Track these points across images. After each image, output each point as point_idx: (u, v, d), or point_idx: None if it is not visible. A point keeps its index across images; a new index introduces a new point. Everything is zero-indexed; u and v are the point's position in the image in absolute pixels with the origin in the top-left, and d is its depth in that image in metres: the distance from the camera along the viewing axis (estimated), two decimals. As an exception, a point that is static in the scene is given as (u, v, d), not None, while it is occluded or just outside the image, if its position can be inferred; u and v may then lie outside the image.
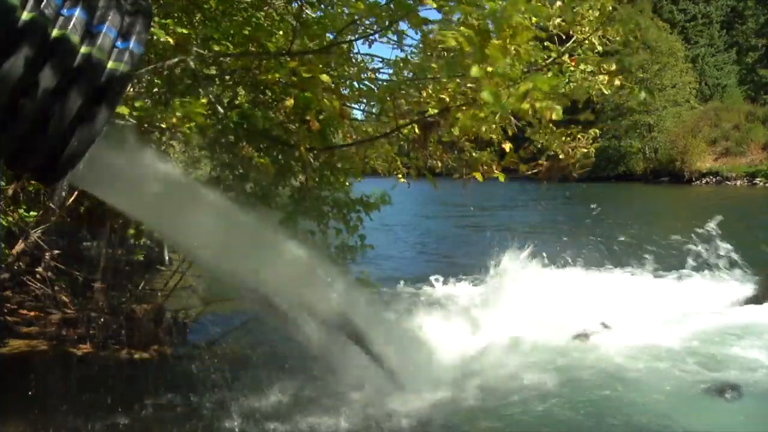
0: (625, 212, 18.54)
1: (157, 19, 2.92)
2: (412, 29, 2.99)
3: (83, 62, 1.73)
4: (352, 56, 3.76)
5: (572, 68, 3.44)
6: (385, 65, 3.75)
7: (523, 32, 2.48)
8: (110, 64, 1.77)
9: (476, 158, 3.62)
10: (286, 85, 3.27)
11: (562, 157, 3.64)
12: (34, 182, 4.56)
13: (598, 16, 3.10)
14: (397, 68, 3.70)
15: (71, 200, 5.10)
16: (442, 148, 4.28)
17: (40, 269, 5.07)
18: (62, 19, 1.69)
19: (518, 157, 3.53)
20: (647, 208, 23.59)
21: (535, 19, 2.66)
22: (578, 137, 3.77)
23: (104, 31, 1.76)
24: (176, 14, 3.38)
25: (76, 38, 1.71)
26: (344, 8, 3.36)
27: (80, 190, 4.64)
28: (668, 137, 42.92)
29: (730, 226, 8.05)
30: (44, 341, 4.56)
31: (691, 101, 45.53)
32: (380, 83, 3.76)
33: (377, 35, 3.26)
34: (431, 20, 2.89)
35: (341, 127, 4.09)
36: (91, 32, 1.75)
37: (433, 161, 4.42)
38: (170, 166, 2.84)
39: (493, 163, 3.64)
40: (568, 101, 3.04)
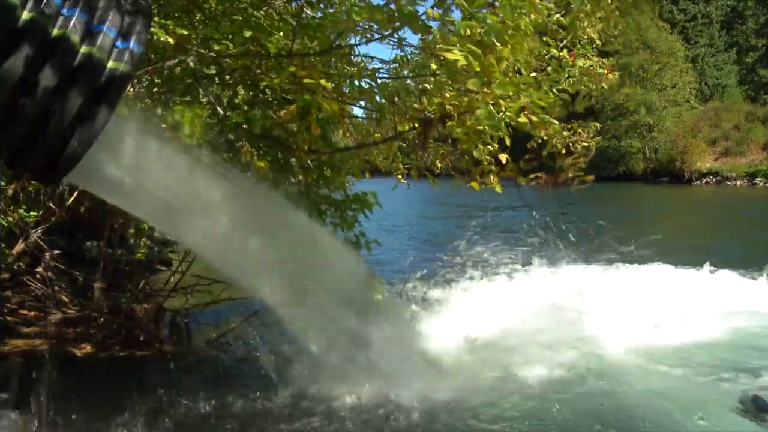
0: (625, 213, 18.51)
1: (157, 19, 2.92)
2: (414, 34, 3.00)
3: (83, 62, 1.73)
4: (352, 56, 3.76)
5: (571, 63, 3.44)
6: (384, 65, 3.75)
7: (523, 43, 2.49)
8: (110, 63, 1.77)
9: (474, 170, 3.63)
10: (286, 88, 3.27)
11: (563, 152, 3.64)
12: (34, 182, 4.56)
13: (598, 15, 3.10)
14: (396, 67, 3.70)
15: (71, 200, 5.10)
16: (441, 147, 4.28)
17: (40, 269, 5.07)
18: (62, 18, 1.69)
19: (517, 167, 3.54)
20: (646, 208, 23.58)
21: (534, 15, 2.66)
22: (579, 131, 3.76)
23: (104, 30, 1.76)
24: (176, 14, 3.38)
25: (76, 38, 1.71)
26: (344, 10, 3.36)
27: (80, 190, 4.65)
28: (668, 137, 42.86)
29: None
30: (44, 341, 4.56)
31: (691, 101, 45.48)
32: (380, 81, 3.77)
33: (378, 40, 3.28)
34: (433, 28, 2.90)
35: (341, 126, 4.10)
36: (91, 32, 1.75)
37: (433, 161, 4.42)
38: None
39: (491, 173, 3.65)
40: (568, 97, 3.06)
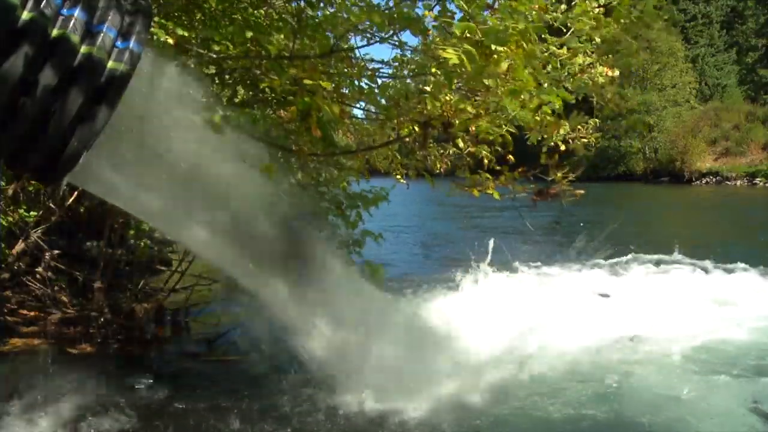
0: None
1: (156, 19, 2.92)
2: (413, 36, 3.02)
3: (83, 62, 1.74)
4: (352, 58, 3.76)
5: (571, 60, 3.44)
6: (384, 65, 3.75)
7: (525, 44, 2.50)
8: (110, 63, 1.78)
9: (473, 177, 3.67)
10: (287, 89, 3.27)
11: (563, 148, 3.65)
12: (34, 182, 4.56)
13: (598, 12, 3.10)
14: (396, 67, 3.70)
15: (71, 200, 5.10)
16: (441, 148, 4.28)
17: (40, 269, 5.07)
18: (62, 18, 1.69)
19: (512, 177, 3.58)
20: (647, 208, 23.57)
21: (535, 13, 2.67)
22: (578, 128, 3.75)
23: (104, 30, 1.77)
24: (176, 14, 3.38)
25: (76, 38, 1.71)
26: (343, 10, 3.36)
27: (80, 190, 4.65)
28: (668, 137, 42.90)
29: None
30: (44, 341, 4.56)
31: (691, 101, 45.51)
32: (379, 81, 3.77)
33: (378, 41, 3.29)
34: (431, 30, 2.91)
35: (342, 126, 4.10)
36: (91, 32, 1.75)
37: (433, 162, 4.43)
38: None
39: (488, 181, 3.69)
40: (568, 94, 3.06)
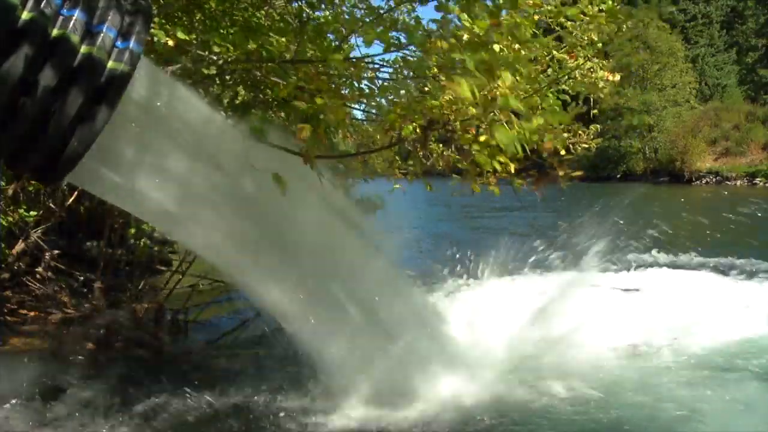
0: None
1: (157, 20, 2.92)
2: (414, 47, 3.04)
3: (83, 62, 1.74)
4: (352, 58, 3.76)
5: (571, 63, 3.44)
6: (384, 64, 3.75)
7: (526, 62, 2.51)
8: (110, 63, 1.78)
9: (472, 171, 3.67)
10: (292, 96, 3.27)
11: (563, 153, 3.65)
12: (34, 182, 4.56)
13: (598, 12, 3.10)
14: (397, 69, 3.70)
15: (71, 200, 5.11)
16: (442, 147, 4.28)
17: (40, 269, 5.08)
18: (62, 18, 1.69)
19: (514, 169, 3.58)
20: (647, 208, 23.52)
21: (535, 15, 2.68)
22: (579, 133, 3.76)
23: (104, 30, 1.77)
24: (176, 14, 3.38)
25: (76, 38, 1.71)
26: (346, 15, 3.38)
27: (80, 190, 4.65)
28: (668, 137, 42.88)
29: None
30: (44, 341, 4.56)
31: (691, 101, 45.48)
32: (380, 83, 3.77)
33: (382, 51, 3.30)
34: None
35: (342, 127, 4.10)
36: (91, 32, 1.75)
37: (433, 161, 4.42)
38: None
39: (489, 175, 3.69)
40: (568, 97, 3.07)
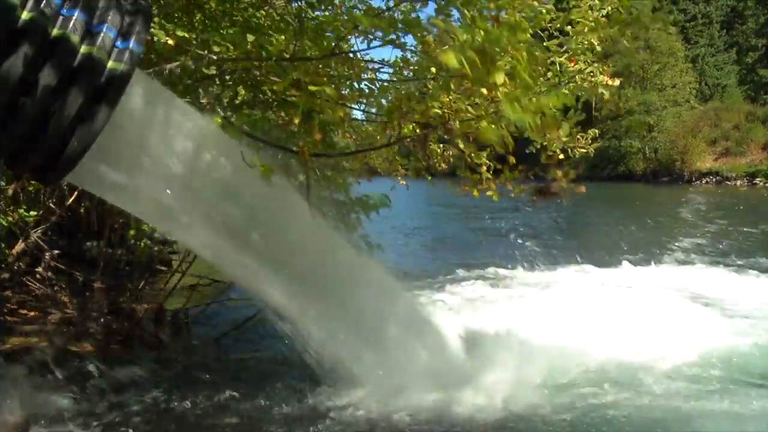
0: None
1: (157, 19, 2.92)
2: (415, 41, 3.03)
3: (83, 62, 1.74)
4: (352, 58, 3.76)
5: (572, 68, 3.45)
6: (384, 65, 3.75)
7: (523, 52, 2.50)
8: (110, 63, 1.78)
9: (473, 177, 3.68)
10: (288, 92, 3.27)
11: (561, 157, 3.65)
12: (34, 182, 4.56)
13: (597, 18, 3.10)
14: (397, 70, 3.70)
15: (71, 200, 5.10)
16: (442, 147, 4.28)
17: (40, 269, 5.08)
18: (62, 18, 1.69)
19: (512, 177, 3.59)
20: (647, 208, 23.54)
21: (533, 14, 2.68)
22: (578, 137, 3.77)
23: (104, 30, 1.77)
24: (176, 14, 3.38)
25: (76, 38, 1.71)
26: (344, 11, 3.37)
27: (80, 190, 4.65)
28: (668, 137, 42.89)
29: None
30: (44, 341, 4.56)
31: (691, 101, 45.47)
32: (380, 84, 3.77)
33: (379, 45, 3.29)
34: (431, 37, 2.91)
35: (341, 127, 4.10)
36: (91, 32, 1.75)
37: (433, 162, 4.43)
38: None
39: (489, 181, 3.70)
40: (570, 101, 3.06)
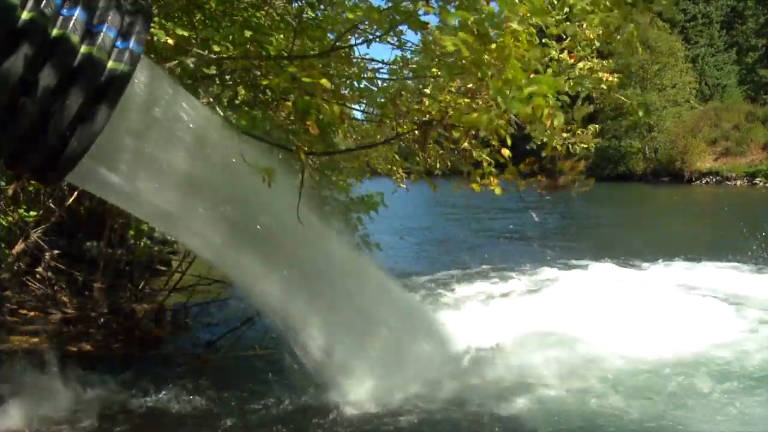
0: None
1: (156, 19, 2.92)
2: (411, 31, 3.02)
3: (83, 62, 1.74)
4: (351, 57, 3.76)
5: (571, 63, 3.45)
6: (384, 65, 3.76)
7: (524, 38, 2.50)
8: (110, 63, 1.78)
9: (474, 172, 3.66)
10: (285, 89, 3.28)
11: (563, 153, 3.65)
12: (34, 182, 4.56)
13: (596, 21, 3.10)
14: (396, 68, 3.70)
15: (71, 200, 5.10)
16: (441, 148, 4.28)
17: (40, 269, 5.08)
18: (62, 18, 1.69)
19: (517, 170, 3.56)
20: (647, 208, 23.52)
21: (535, 19, 2.66)
22: (578, 133, 3.76)
23: (104, 30, 1.77)
24: (176, 14, 3.38)
25: (76, 38, 1.71)
26: (343, 13, 3.37)
27: (80, 190, 4.65)
28: (668, 137, 42.87)
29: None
30: (44, 340, 4.56)
31: (691, 101, 45.45)
32: (379, 83, 3.77)
33: (378, 39, 3.29)
34: (430, 23, 2.91)
35: (341, 127, 4.10)
36: (91, 32, 1.75)
37: (433, 163, 4.42)
38: None
39: (491, 175, 3.67)
40: (567, 98, 3.06)
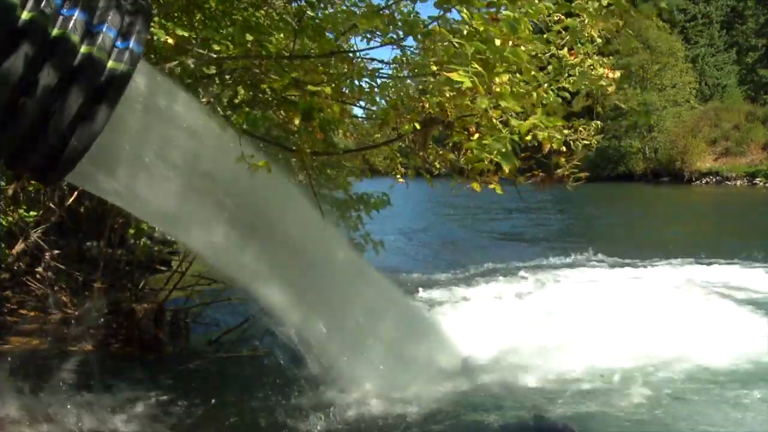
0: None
1: (156, 19, 2.92)
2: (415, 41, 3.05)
3: (83, 61, 1.74)
4: (353, 58, 3.76)
5: (572, 61, 3.44)
6: (384, 64, 3.76)
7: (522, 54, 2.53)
8: (110, 63, 1.78)
9: (474, 169, 3.67)
10: (287, 89, 3.28)
11: (563, 149, 3.64)
12: (34, 182, 4.56)
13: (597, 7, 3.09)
14: (396, 66, 3.70)
15: (71, 200, 5.10)
16: (441, 148, 4.28)
17: (40, 269, 5.07)
18: (62, 18, 1.69)
19: (516, 168, 3.57)
20: (647, 208, 23.52)
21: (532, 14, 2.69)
22: (580, 129, 3.74)
23: (104, 30, 1.77)
24: (176, 14, 3.38)
25: (76, 38, 1.71)
26: (343, 10, 3.38)
27: (80, 190, 4.65)
28: (668, 137, 42.88)
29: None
30: (44, 340, 4.56)
31: (691, 101, 45.45)
32: (379, 81, 3.77)
33: (379, 46, 3.31)
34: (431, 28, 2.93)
35: (342, 126, 4.10)
36: (91, 32, 1.75)
37: (432, 162, 4.42)
38: None
39: (490, 174, 3.68)
40: (568, 95, 3.07)
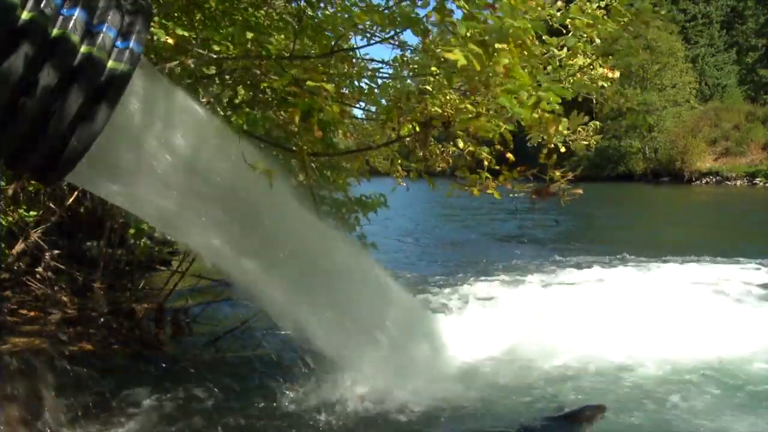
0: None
1: (157, 18, 2.92)
2: (415, 36, 3.04)
3: (83, 61, 1.74)
4: (353, 58, 3.76)
5: (571, 62, 3.44)
6: (384, 64, 3.76)
7: (526, 39, 2.52)
8: (110, 63, 1.78)
9: (472, 177, 3.71)
10: (287, 90, 3.28)
11: (563, 150, 3.65)
12: (34, 182, 4.56)
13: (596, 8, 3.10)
14: (396, 68, 3.71)
15: (71, 200, 5.10)
16: (441, 148, 4.28)
17: (40, 269, 5.07)
18: (62, 18, 1.69)
19: (511, 177, 3.60)
20: (647, 208, 23.50)
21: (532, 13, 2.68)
22: (579, 129, 3.74)
23: (104, 30, 1.77)
24: (176, 14, 3.38)
25: (76, 38, 1.71)
26: (345, 13, 3.38)
27: (80, 190, 4.65)
28: (668, 137, 42.91)
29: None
30: (44, 340, 4.56)
31: (691, 101, 45.49)
32: (379, 81, 3.78)
33: (380, 41, 3.30)
34: (432, 31, 2.92)
35: (342, 126, 4.10)
36: (91, 32, 1.75)
37: (433, 162, 4.42)
38: None
39: (488, 180, 3.72)
40: (568, 94, 3.06)
